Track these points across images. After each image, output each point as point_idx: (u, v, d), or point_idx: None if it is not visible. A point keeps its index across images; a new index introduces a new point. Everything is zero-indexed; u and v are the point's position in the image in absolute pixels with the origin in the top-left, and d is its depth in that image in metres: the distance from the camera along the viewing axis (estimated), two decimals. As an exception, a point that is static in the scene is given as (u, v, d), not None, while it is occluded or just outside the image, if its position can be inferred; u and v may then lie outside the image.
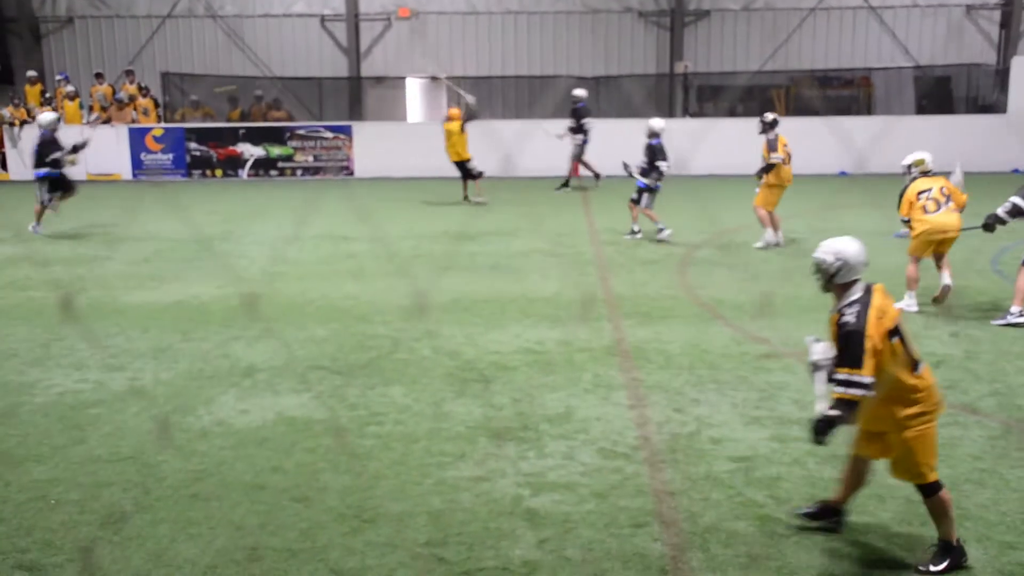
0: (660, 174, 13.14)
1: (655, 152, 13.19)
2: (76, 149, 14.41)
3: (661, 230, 13.21)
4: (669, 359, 7.64)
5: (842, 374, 4.21)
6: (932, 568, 4.41)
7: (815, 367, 4.45)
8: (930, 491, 4.42)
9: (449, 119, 17.83)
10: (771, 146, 12.58)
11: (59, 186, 14.21)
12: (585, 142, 19.28)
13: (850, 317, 4.27)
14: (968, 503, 5.01)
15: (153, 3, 26.51)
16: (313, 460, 5.66)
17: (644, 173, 13.23)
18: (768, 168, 12.50)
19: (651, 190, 13.23)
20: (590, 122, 19.23)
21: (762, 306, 9.41)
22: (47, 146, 14.07)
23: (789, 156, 12.61)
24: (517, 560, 4.50)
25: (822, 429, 4.21)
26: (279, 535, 4.74)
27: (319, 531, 4.78)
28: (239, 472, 5.50)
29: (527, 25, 26.52)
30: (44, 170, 14.02)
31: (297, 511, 4.99)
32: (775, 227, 12.58)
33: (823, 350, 4.46)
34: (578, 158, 19.47)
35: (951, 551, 4.42)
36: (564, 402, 6.67)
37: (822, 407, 4.28)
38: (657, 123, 13.44)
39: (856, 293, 4.39)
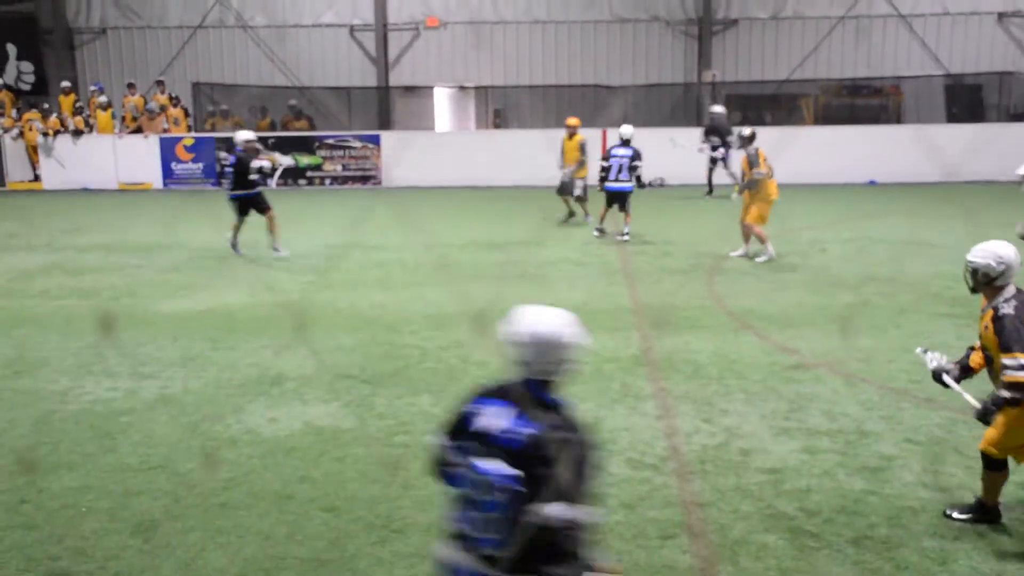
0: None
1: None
2: (265, 171, 13.32)
3: (588, 219, 14.59)
4: (698, 369, 7.60)
5: (1012, 359, 4.50)
6: (956, 514, 4.87)
7: (941, 371, 4.94)
8: (992, 465, 4.76)
9: (574, 129, 16.17)
10: (752, 161, 12.30)
11: (252, 205, 13.01)
12: (715, 156, 19.71)
13: (1009, 309, 4.62)
14: (1004, 516, 4.93)
15: (184, 14, 26.78)
16: (341, 469, 5.67)
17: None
18: (752, 184, 12.21)
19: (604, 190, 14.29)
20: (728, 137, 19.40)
21: (791, 316, 9.35)
22: (245, 164, 12.89)
23: (771, 170, 12.35)
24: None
25: (991, 411, 4.62)
26: (307, 545, 4.75)
27: (347, 541, 4.78)
28: (268, 481, 5.52)
29: (555, 34, 26.54)
30: (240, 191, 12.93)
31: (325, 520, 5.00)
32: (747, 240, 12.53)
33: (938, 357, 4.97)
34: (723, 165, 19.82)
35: (983, 509, 4.83)
36: (592, 412, 6.63)
37: (973, 400, 4.73)
38: (624, 130, 14.52)
39: (1011, 291, 4.74)
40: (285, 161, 13.09)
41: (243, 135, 13.45)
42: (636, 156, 14.11)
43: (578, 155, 15.86)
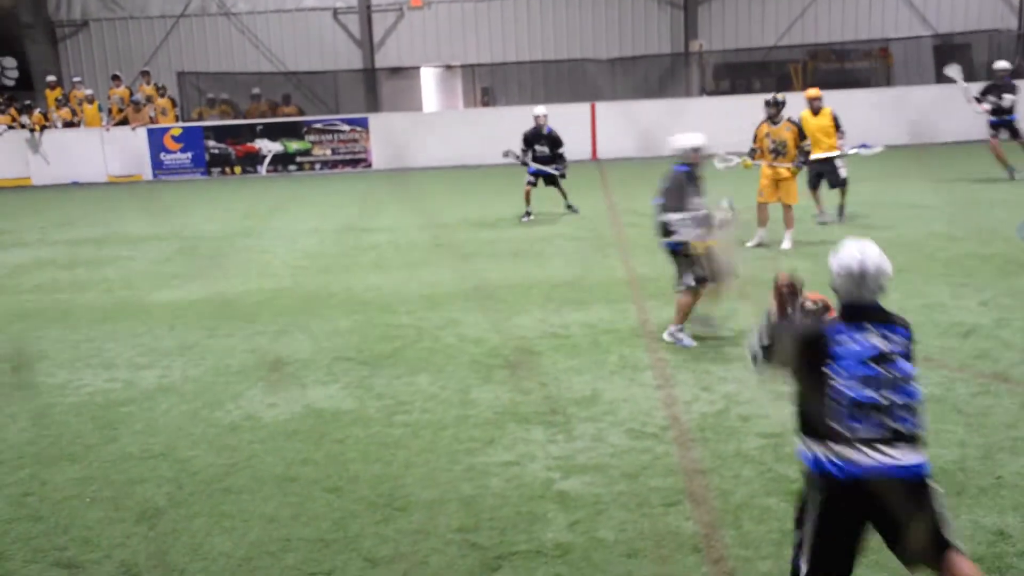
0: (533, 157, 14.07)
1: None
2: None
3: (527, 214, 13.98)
4: (695, 338, 7.60)
5: None
6: None
7: None
8: None
9: (819, 101, 12.52)
10: (803, 132, 11.12)
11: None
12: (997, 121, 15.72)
13: None
14: (1003, 471, 4.96)
15: (166, 3, 26.60)
16: (343, 450, 5.69)
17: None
18: (805, 160, 11.07)
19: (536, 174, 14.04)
20: (1010, 99, 15.69)
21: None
22: (678, 192, 7.50)
23: None
24: (550, 543, 4.50)
25: None
26: (312, 525, 4.76)
27: (351, 520, 4.79)
28: (270, 465, 5.53)
29: (540, 9, 26.41)
30: (672, 239, 7.55)
31: (329, 501, 5.01)
32: (790, 224, 11.32)
33: None
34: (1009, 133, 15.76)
35: None
36: (591, 384, 6.66)
37: None
38: (538, 110, 14.39)
39: None
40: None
41: (686, 140, 7.68)
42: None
43: (834, 132, 12.38)
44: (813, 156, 11.81)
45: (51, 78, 24.41)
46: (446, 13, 26.43)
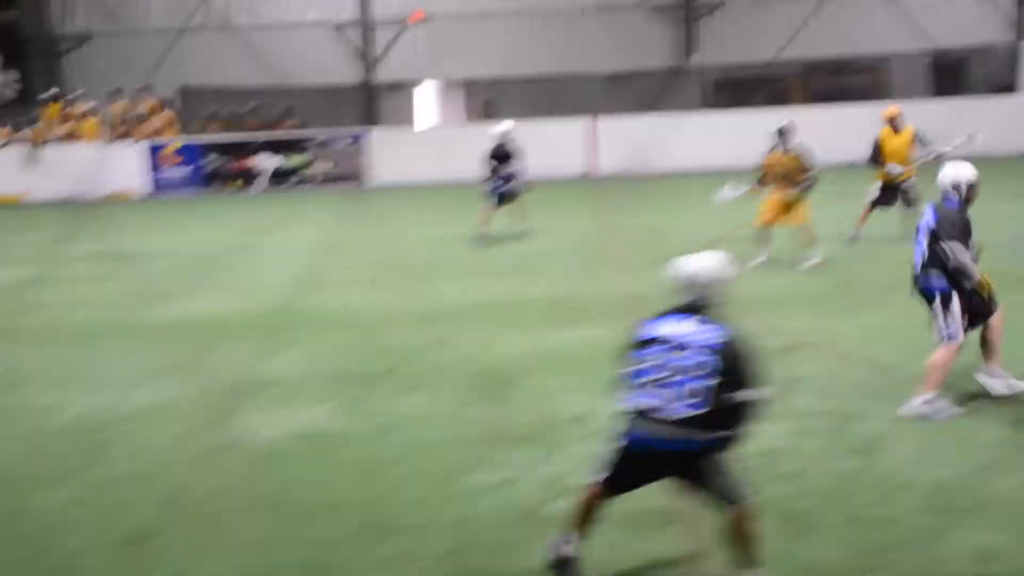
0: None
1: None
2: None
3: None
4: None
5: None
6: None
7: None
8: None
9: (899, 118, 12.27)
10: (808, 161, 11.08)
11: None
12: None
13: None
14: (992, 489, 4.95)
15: (168, 17, 26.66)
16: (334, 471, 5.66)
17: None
18: (811, 185, 11.04)
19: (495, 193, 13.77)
20: None
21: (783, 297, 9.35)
22: (963, 230, 6.50)
23: None
24: (541, 564, 4.47)
25: None
26: (302, 549, 4.73)
27: (343, 543, 4.77)
28: (260, 486, 5.50)
29: (541, 24, 26.47)
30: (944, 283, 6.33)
31: (318, 524, 4.99)
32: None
33: None
34: None
35: None
36: (585, 403, 6.63)
37: None
38: (503, 127, 14.10)
39: None
40: None
41: (964, 173, 6.58)
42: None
43: (914, 152, 12.00)
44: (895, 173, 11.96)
45: (52, 91, 24.41)
46: (447, 28, 26.46)
